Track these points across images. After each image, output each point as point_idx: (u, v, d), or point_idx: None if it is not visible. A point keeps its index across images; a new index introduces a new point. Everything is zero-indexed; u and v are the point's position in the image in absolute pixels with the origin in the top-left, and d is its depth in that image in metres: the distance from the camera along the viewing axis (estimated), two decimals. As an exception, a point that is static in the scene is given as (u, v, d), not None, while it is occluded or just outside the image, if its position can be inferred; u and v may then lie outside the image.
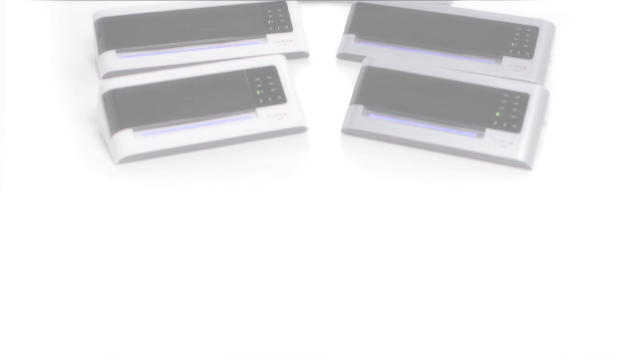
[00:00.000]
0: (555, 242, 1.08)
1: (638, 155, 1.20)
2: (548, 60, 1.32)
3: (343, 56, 1.36)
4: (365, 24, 1.37)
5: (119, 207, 1.12)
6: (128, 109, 1.16)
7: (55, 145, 1.21)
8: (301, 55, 1.36)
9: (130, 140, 1.15)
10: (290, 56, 1.35)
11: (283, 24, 1.36)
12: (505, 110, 1.17)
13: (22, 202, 1.13)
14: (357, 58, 1.35)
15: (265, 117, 1.19)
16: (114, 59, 1.30)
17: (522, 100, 1.17)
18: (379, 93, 1.21)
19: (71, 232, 1.09)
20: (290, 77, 1.23)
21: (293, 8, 1.38)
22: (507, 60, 1.31)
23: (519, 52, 1.31)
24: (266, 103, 1.19)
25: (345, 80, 1.34)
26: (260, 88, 1.20)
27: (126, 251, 1.07)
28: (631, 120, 1.26)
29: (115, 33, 1.31)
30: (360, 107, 1.21)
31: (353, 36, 1.37)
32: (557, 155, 1.19)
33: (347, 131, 1.22)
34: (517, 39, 1.31)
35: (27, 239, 1.08)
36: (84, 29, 1.40)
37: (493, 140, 1.16)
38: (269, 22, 1.36)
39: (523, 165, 1.15)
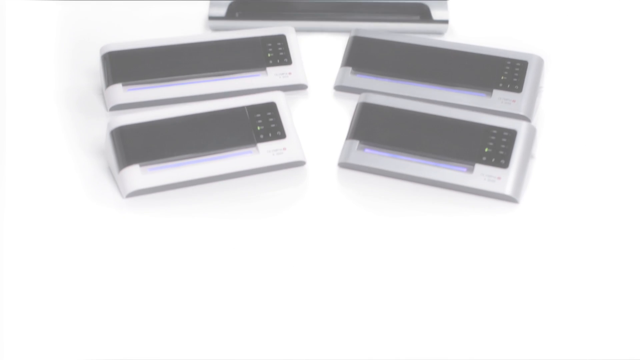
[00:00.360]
0: (539, 271, 1.14)
1: (622, 187, 1.26)
2: (536, 93, 1.38)
3: (340, 88, 1.42)
4: (361, 57, 1.42)
5: (127, 238, 1.18)
6: (135, 145, 1.21)
7: (65, 177, 1.26)
8: (300, 87, 1.42)
9: (138, 175, 1.20)
10: (289, 88, 1.41)
11: (282, 57, 1.42)
12: (493, 147, 1.22)
13: (31, 234, 1.18)
14: (354, 90, 1.41)
15: (265, 152, 1.24)
16: (120, 92, 1.36)
17: (510, 136, 1.23)
18: (374, 129, 1.27)
19: (80, 261, 1.15)
20: (289, 112, 1.29)
21: (292, 41, 1.43)
22: (497, 93, 1.36)
23: (508, 86, 1.36)
24: (266, 138, 1.25)
25: (342, 111, 1.39)
26: (261, 124, 1.26)
27: (133, 280, 1.13)
28: (616, 152, 1.32)
29: (122, 67, 1.37)
30: (356, 142, 1.27)
31: (350, 69, 1.42)
32: (543, 188, 1.25)
33: (344, 165, 1.27)
34: (507, 73, 1.37)
35: (36, 270, 1.14)
36: (90, 60, 1.46)
37: (482, 175, 1.21)
38: (269, 55, 1.41)
39: (510, 199, 1.21)
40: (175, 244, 1.17)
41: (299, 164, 1.26)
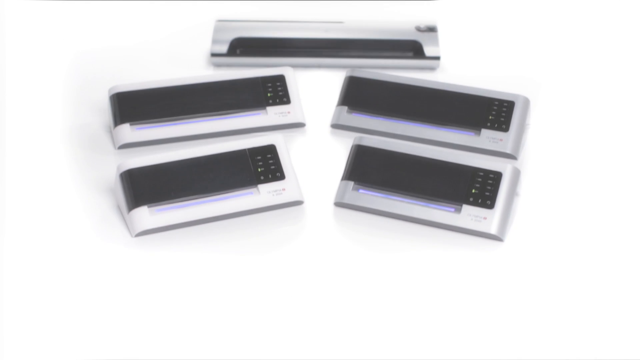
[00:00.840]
0: (521, 305, 1.21)
1: (605, 222, 1.33)
2: (523, 131, 1.45)
3: (336, 126, 1.49)
4: (357, 97, 1.50)
5: (136, 274, 1.25)
6: (143, 187, 1.29)
7: (76, 214, 1.33)
8: (298, 125, 1.49)
9: (146, 216, 1.28)
10: (288, 126, 1.48)
11: (282, 96, 1.49)
12: (480, 188, 1.30)
13: (41, 270, 1.25)
14: (349, 128, 1.48)
15: (265, 193, 1.32)
16: (128, 132, 1.43)
17: (495, 178, 1.30)
18: (368, 170, 1.34)
19: (90, 296, 1.22)
20: (288, 154, 1.36)
21: (291, 81, 1.50)
22: (485, 132, 1.44)
23: (496, 125, 1.43)
24: (267, 180, 1.32)
25: (338, 148, 1.46)
26: (262, 166, 1.33)
27: (142, 314, 1.20)
28: (598, 188, 1.39)
29: (129, 107, 1.44)
30: (351, 183, 1.34)
31: (345, 108, 1.49)
32: (527, 225, 1.32)
33: (339, 204, 1.34)
34: (495, 113, 1.44)
35: (46, 305, 1.20)
36: (98, 97, 1.53)
37: (469, 215, 1.29)
38: (269, 95, 1.48)
39: (495, 238, 1.29)
40: (181, 279, 1.24)
41: (297, 203, 1.34)
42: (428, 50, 1.62)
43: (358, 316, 1.20)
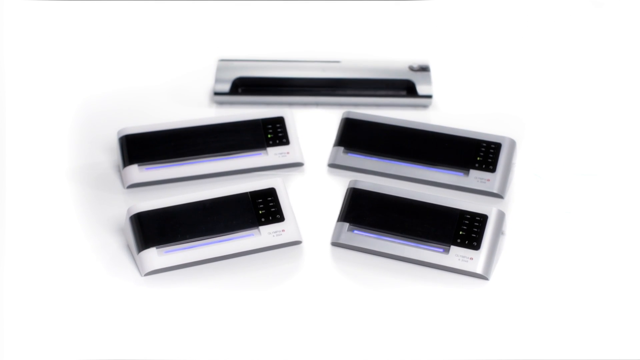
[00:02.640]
0: (503, 339, 1.29)
1: (585, 265, 1.40)
2: (509, 172, 1.53)
3: (333, 165, 1.57)
4: (352, 138, 1.58)
5: (145, 310, 1.33)
6: (152, 230, 1.37)
7: (87, 254, 1.40)
8: (297, 165, 1.57)
9: (154, 257, 1.36)
10: (287, 166, 1.56)
11: (281, 137, 1.57)
12: (467, 230, 1.38)
13: (53, 309, 1.32)
14: (345, 167, 1.57)
15: (266, 234, 1.40)
16: (136, 172, 1.51)
17: (481, 221, 1.38)
18: (362, 213, 1.42)
19: (102, 329, 1.30)
20: (287, 197, 1.44)
21: (290, 123, 1.58)
22: (473, 172, 1.52)
23: (483, 166, 1.51)
24: (267, 221, 1.40)
25: (335, 187, 1.55)
26: (262, 208, 1.41)
27: (151, 350, 1.28)
28: (579, 229, 1.46)
29: (137, 149, 1.52)
30: (346, 225, 1.42)
31: (342, 148, 1.58)
32: (510, 264, 1.40)
33: (336, 244, 1.43)
34: (482, 154, 1.52)
35: (56, 342, 1.27)
36: (108, 138, 1.61)
37: (457, 255, 1.37)
38: (269, 136, 1.56)
39: (481, 277, 1.37)
40: (188, 315, 1.32)
41: (296, 243, 1.42)
42: (421, 89, 1.70)
43: (353, 347, 1.28)
